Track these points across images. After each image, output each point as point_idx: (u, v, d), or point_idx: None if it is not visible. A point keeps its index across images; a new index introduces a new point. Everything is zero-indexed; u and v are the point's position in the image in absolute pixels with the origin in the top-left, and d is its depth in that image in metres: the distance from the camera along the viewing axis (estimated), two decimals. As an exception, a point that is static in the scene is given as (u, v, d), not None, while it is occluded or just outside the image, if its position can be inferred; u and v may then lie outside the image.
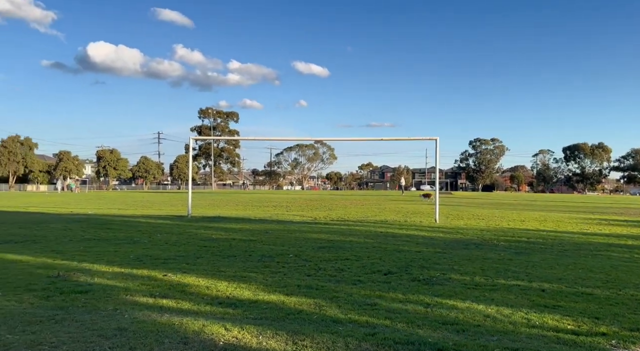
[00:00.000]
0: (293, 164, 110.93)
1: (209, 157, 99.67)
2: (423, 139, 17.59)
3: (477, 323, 4.06)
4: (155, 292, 4.91)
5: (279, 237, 9.99)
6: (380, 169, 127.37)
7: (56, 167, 76.73)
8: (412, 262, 6.96)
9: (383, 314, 4.23)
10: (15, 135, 73.21)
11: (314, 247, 8.51)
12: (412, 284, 5.52)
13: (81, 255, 7.27)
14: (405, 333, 3.66)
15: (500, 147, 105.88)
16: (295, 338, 3.47)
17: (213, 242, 9.11)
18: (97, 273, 5.89)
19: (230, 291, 5.03)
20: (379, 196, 39.36)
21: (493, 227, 12.60)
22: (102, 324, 3.70)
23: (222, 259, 7.16)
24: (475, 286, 5.47)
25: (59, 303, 4.42)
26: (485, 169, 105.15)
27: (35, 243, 8.60)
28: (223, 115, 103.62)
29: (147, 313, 4.07)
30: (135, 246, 8.42)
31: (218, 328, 3.64)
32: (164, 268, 6.30)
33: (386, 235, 10.53)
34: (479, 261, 7.16)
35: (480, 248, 8.61)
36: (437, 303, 4.67)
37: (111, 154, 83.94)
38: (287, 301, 4.64)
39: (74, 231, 10.65)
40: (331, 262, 6.97)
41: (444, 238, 10.08)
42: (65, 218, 14.14)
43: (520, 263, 7.05)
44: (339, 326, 3.85)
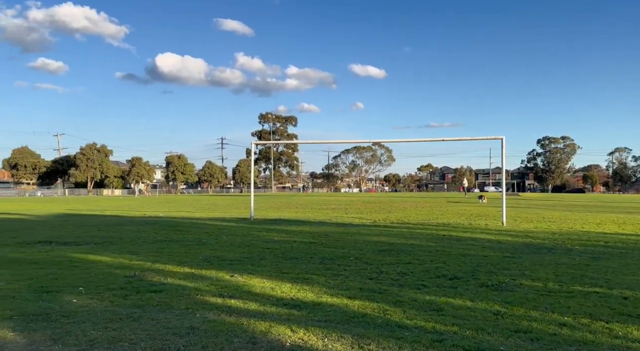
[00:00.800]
0: (350, 166, 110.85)
1: (269, 161, 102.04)
2: (487, 139, 16.94)
3: (552, 331, 3.84)
4: (223, 292, 5.09)
5: (339, 239, 10.01)
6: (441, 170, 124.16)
7: (129, 173, 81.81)
8: (478, 267, 6.71)
9: (450, 320, 4.11)
10: (92, 143, 78.92)
11: (375, 249, 8.45)
12: (480, 290, 5.32)
13: (154, 256, 7.69)
14: (474, 341, 3.54)
15: (572, 145, 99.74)
16: (361, 342, 3.45)
17: (275, 244, 9.30)
18: (169, 273, 6.20)
19: (294, 293, 5.11)
20: (440, 198, 38.36)
21: (566, 230, 11.88)
22: (176, 323, 3.89)
23: (285, 261, 7.28)
24: (548, 292, 5.18)
25: (136, 302, 4.69)
26: (555, 169, 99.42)
27: (112, 245, 9.21)
28: (282, 119, 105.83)
29: (217, 313, 4.23)
30: (203, 247, 8.78)
31: (284, 329, 3.71)
32: (231, 269, 6.52)
33: (450, 238, 10.24)
34: (551, 266, 6.78)
35: (552, 252, 8.15)
36: (508, 310, 4.47)
37: (179, 159, 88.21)
38: (351, 304, 4.64)
39: (146, 233, 11.29)
40: (393, 265, 6.88)
41: (512, 241, 9.64)
42: (138, 221, 15.02)
43: (598, 268, 6.59)
44: (404, 331, 3.79)
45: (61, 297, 4.87)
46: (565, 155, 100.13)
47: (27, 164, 75.89)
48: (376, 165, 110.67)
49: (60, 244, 9.34)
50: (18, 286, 5.41)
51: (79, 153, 77.31)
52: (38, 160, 78.07)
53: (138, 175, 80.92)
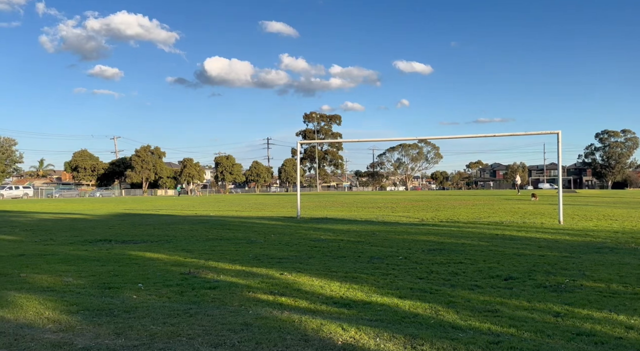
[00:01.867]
0: (396, 164, 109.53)
1: (314, 160, 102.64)
2: (542, 133, 16.23)
3: (618, 335, 3.63)
4: (274, 290, 5.17)
5: (386, 238, 9.92)
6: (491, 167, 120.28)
7: (181, 173, 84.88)
8: (535, 267, 6.45)
9: (507, 322, 3.98)
10: (146, 145, 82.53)
11: (424, 249, 8.31)
12: (537, 290, 5.11)
13: (207, 254, 7.93)
14: (533, 343, 3.40)
15: (634, 139, 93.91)
16: (414, 343, 3.41)
17: (322, 242, 9.34)
18: (222, 270, 6.37)
19: (344, 292, 5.11)
20: (491, 196, 37.15)
21: (629, 228, 11.19)
22: (230, 319, 3.99)
23: (333, 259, 7.30)
24: (612, 294, 4.90)
25: (192, 298, 4.85)
26: (616, 164, 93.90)
27: (167, 243, 9.58)
28: (326, 118, 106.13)
29: (268, 310, 4.31)
30: (252, 246, 8.96)
31: (335, 328, 3.72)
32: (280, 267, 6.61)
33: (503, 237, 9.90)
34: (614, 266, 6.40)
35: (615, 252, 7.70)
36: (568, 311, 4.26)
37: (227, 160, 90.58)
38: (401, 304, 4.58)
39: (199, 231, 11.66)
40: (444, 265, 6.74)
41: (570, 241, 9.19)
42: (191, 220, 15.54)
43: (668, 270, 6.16)
44: (459, 332, 3.70)
45: (122, 293, 5.11)
46: (627, 149, 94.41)
47: (86, 166, 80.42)
48: (423, 163, 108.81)
49: (119, 242, 9.82)
50: (83, 282, 5.74)
51: (134, 155, 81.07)
52: (96, 162, 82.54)
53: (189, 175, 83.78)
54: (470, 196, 37.25)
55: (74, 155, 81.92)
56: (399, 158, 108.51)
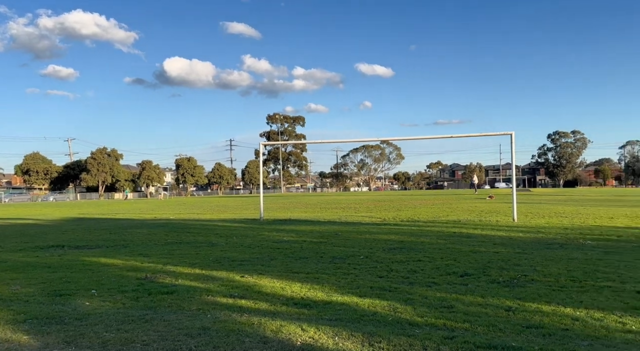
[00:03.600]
0: (359, 165, 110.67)
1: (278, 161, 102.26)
2: (497, 134, 16.84)
3: (564, 326, 3.81)
4: (234, 293, 5.12)
5: (348, 238, 10.00)
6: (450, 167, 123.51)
7: (140, 176, 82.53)
8: (489, 263, 6.67)
9: (461, 317, 4.10)
10: (103, 147, 79.74)
11: (385, 248, 8.43)
12: (491, 286, 5.29)
13: (165, 258, 7.75)
14: (486, 337, 3.52)
15: (582, 139, 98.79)
16: (372, 340, 3.45)
17: (285, 244, 9.32)
18: (181, 275, 6.24)
19: (305, 292, 5.12)
20: (450, 195, 38.16)
21: (578, 225, 11.76)
22: (187, 323, 3.92)
23: (295, 261, 7.30)
24: (560, 288, 5.14)
25: (148, 304, 4.73)
26: (567, 164, 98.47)
27: (124, 248, 9.29)
28: (290, 120, 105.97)
29: (227, 313, 4.25)
30: (213, 248, 8.83)
31: (295, 328, 3.72)
32: (241, 269, 6.55)
33: (460, 235, 10.19)
34: (563, 261, 6.71)
35: (564, 247, 8.07)
36: (520, 305, 4.43)
37: (188, 162, 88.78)
38: (361, 303, 4.64)
39: (157, 235, 11.38)
40: (403, 263, 6.86)
41: (523, 237, 9.57)
42: (150, 224, 15.14)
43: (611, 263, 6.51)
44: (415, 329, 3.78)
45: (74, 300, 4.92)
46: (576, 149, 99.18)
47: (39, 170, 76.88)
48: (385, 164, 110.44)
49: (72, 248, 9.45)
50: (32, 290, 5.49)
51: (89, 157, 78.18)
52: (50, 166, 79.06)
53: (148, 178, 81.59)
54: (430, 196, 38.12)
55: (26, 158, 78.15)
56: (362, 160, 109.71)
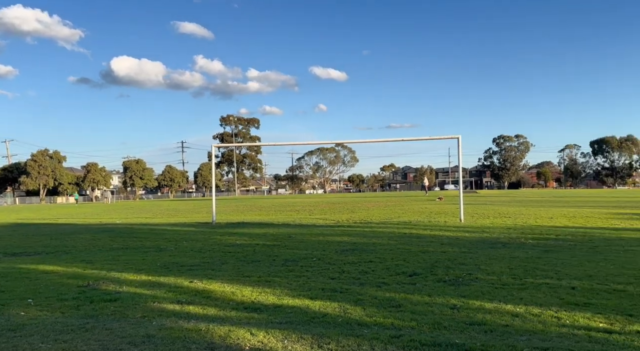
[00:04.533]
0: (314, 168, 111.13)
1: (232, 164, 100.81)
2: (445, 138, 17.40)
3: (505, 323, 3.98)
4: (182, 299, 4.98)
5: (302, 240, 10.01)
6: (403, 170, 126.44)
7: (84, 179, 78.85)
8: (437, 263, 6.88)
9: (409, 316, 4.19)
10: (44, 149, 75.62)
11: (338, 250, 8.50)
12: (438, 285, 5.45)
13: (110, 264, 7.44)
14: (431, 335, 3.62)
15: (525, 143, 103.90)
16: (321, 342, 3.46)
17: (237, 247, 9.19)
18: (126, 281, 6.01)
19: (255, 296, 5.06)
20: (402, 197, 39.02)
21: (520, 225, 12.35)
22: (131, 331, 3.77)
23: (247, 264, 7.21)
24: (502, 285, 5.37)
25: (89, 312, 4.52)
26: (511, 166, 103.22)
27: (65, 254, 8.84)
28: (244, 121, 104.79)
29: (174, 320, 4.13)
30: (162, 254, 8.57)
31: (244, 333, 3.67)
32: (190, 275, 6.39)
33: (410, 236, 10.44)
34: (506, 260, 7.03)
35: (507, 246, 8.45)
36: (464, 303, 4.59)
37: (137, 164, 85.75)
38: (312, 305, 4.64)
39: (102, 241, 10.91)
40: (355, 264, 6.94)
41: (469, 237, 9.93)
42: (94, 229, 14.49)
43: (549, 261, 6.89)
44: (364, 329, 3.83)
45: (7, 310, 4.63)
46: (520, 152, 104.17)
47: (-28, 172, 71.80)
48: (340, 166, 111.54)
49: (8, 255, 8.88)
50: (-40, 301, 5.11)
51: (30, 160, 73.92)
52: (-15, 168, 74.02)
53: (94, 181, 78.13)
54: (383, 198, 38.82)
55: (-43, 159, 72.86)
56: (318, 162, 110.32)
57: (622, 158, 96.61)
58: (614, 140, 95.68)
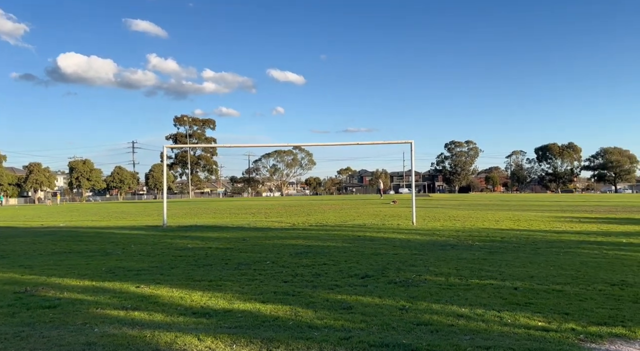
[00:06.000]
0: (272, 170, 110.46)
1: (186, 165, 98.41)
2: (398, 143, 17.80)
3: (450, 323, 4.10)
4: (127, 305, 4.80)
5: (256, 244, 9.91)
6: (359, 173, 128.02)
7: (26, 179, 74.60)
8: (389, 265, 7.00)
9: (359, 318, 4.24)
10: (-18, 147, 71.02)
11: (292, 253, 8.48)
12: (389, 287, 5.55)
13: (51, 269, 7.06)
14: (379, 336, 3.67)
15: (475, 149, 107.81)
16: (270, 346, 3.43)
17: (189, 251, 8.98)
18: (67, 287, 5.73)
19: (205, 301, 4.96)
20: (358, 200, 39.50)
21: (468, 227, 12.79)
22: (70, 339, 3.60)
23: (198, 268, 7.06)
24: (449, 286, 5.53)
25: (25, 319, 4.27)
26: (461, 171, 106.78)
27: (2, 258, 8.32)
28: (199, 122, 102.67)
29: (117, 326, 3.98)
30: (107, 258, 8.23)
31: (191, 339, 3.58)
32: (137, 279, 6.17)
33: (364, 238, 10.57)
34: (454, 261, 7.25)
35: (455, 248, 8.73)
36: (412, 304, 4.70)
37: (84, 165, 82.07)
38: (263, 309, 4.60)
39: (44, 244, 10.35)
40: (309, 267, 6.95)
41: (420, 240, 10.18)
42: (36, 232, 13.73)
43: (494, 262, 7.17)
44: (314, 331, 3.83)
45: None
46: (470, 158, 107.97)
47: None
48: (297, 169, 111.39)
49: (-64, 261, 8.25)
50: None
51: (-35, 158, 69.17)
52: None
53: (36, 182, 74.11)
54: (340, 201, 39.13)
55: None
56: (275, 165, 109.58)
57: (564, 164, 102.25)
58: (555, 147, 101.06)
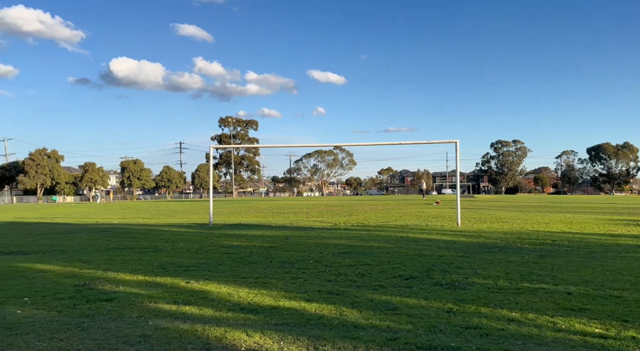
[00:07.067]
0: (312, 170, 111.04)
1: (230, 165, 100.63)
2: (443, 142, 17.44)
3: (500, 327, 3.99)
4: (178, 299, 4.98)
5: (299, 243, 10.01)
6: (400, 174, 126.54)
7: (82, 178, 78.63)
8: (434, 266, 6.89)
9: (405, 319, 4.20)
10: (42, 148, 75.42)
11: (334, 252, 8.50)
12: (434, 288, 5.46)
13: (106, 264, 7.42)
14: (427, 338, 3.63)
15: (523, 148, 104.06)
16: (317, 344, 3.47)
17: (234, 249, 9.19)
18: (122, 281, 6.00)
19: (252, 298, 5.07)
20: (399, 200, 39.05)
21: (517, 229, 12.38)
22: (127, 331, 3.77)
23: (243, 266, 7.21)
24: (498, 290, 5.38)
25: (85, 311, 4.52)
26: (508, 171, 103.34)
27: (62, 253, 8.82)
28: (242, 123, 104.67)
29: (170, 320, 4.13)
30: (158, 254, 8.56)
31: (240, 334, 3.67)
32: (187, 275, 6.39)
33: (407, 239, 10.45)
34: (502, 264, 7.04)
35: (503, 251, 8.47)
36: (460, 307, 4.60)
37: (135, 165, 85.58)
38: (308, 307, 4.65)
39: (99, 240, 10.88)
40: (352, 267, 6.95)
41: (466, 242, 9.95)
42: (91, 228, 14.46)
43: (545, 266, 6.90)
44: (360, 331, 3.83)
45: (4, 308, 4.62)
46: (517, 158, 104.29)
47: (-31, 170, 71.55)
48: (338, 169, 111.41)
49: (5, 254, 8.86)
50: (-45, 299, 5.09)
51: (27, 158, 73.70)
52: (-18, 167, 73.78)
53: (91, 181, 77.93)
54: (380, 201, 38.84)
55: (-46, 157, 72.61)
56: (315, 165, 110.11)
57: (619, 165, 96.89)
58: (610, 147, 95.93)
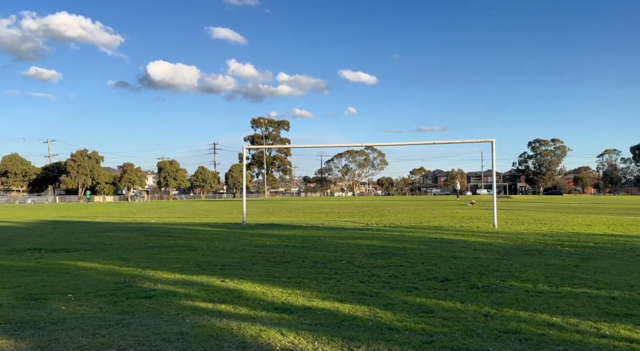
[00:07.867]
0: (343, 170, 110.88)
1: (262, 166, 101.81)
2: (478, 142, 17.06)
3: (540, 332, 3.87)
4: (214, 298, 5.07)
5: (331, 243, 10.01)
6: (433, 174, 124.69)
7: (121, 178, 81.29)
8: (469, 269, 6.75)
9: (440, 322, 4.13)
10: (83, 149, 78.41)
11: (367, 253, 8.46)
12: (470, 291, 5.35)
13: (145, 262, 7.64)
14: (463, 342, 3.55)
15: (562, 147, 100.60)
16: (351, 345, 3.45)
17: (267, 248, 9.28)
18: (160, 279, 6.17)
19: (285, 297, 5.10)
20: (432, 201, 38.47)
21: (556, 231, 11.97)
22: (166, 328, 3.87)
23: (276, 265, 7.27)
24: (538, 293, 5.22)
25: (125, 308, 4.66)
26: (546, 171, 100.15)
27: (102, 251, 9.14)
28: (274, 124, 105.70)
29: (206, 318, 4.21)
30: (194, 253, 8.74)
31: (274, 333, 3.70)
32: (222, 274, 6.50)
33: (441, 241, 10.28)
34: (541, 267, 6.83)
35: (542, 254, 8.21)
36: (498, 311, 4.49)
37: (171, 165, 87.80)
38: (341, 308, 4.64)
39: (137, 239, 11.22)
40: (384, 268, 6.89)
41: (503, 243, 9.70)
42: (130, 227, 14.92)
43: (587, 269, 6.65)
44: (394, 333, 3.80)
45: (49, 304, 4.82)
46: (556, 157, 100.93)
47: (17, 171, 75.20)
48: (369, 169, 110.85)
49: (49, 251, 9.25)
50: (6, 293, 5.36)
51: (69, 159, 76.78)
52: (28, 167, 77.40)
53: (129, 181, 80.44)
54: (413, 201, 38.37)
55: (4, 159, 76.34)
56: (346, 165, 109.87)
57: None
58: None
